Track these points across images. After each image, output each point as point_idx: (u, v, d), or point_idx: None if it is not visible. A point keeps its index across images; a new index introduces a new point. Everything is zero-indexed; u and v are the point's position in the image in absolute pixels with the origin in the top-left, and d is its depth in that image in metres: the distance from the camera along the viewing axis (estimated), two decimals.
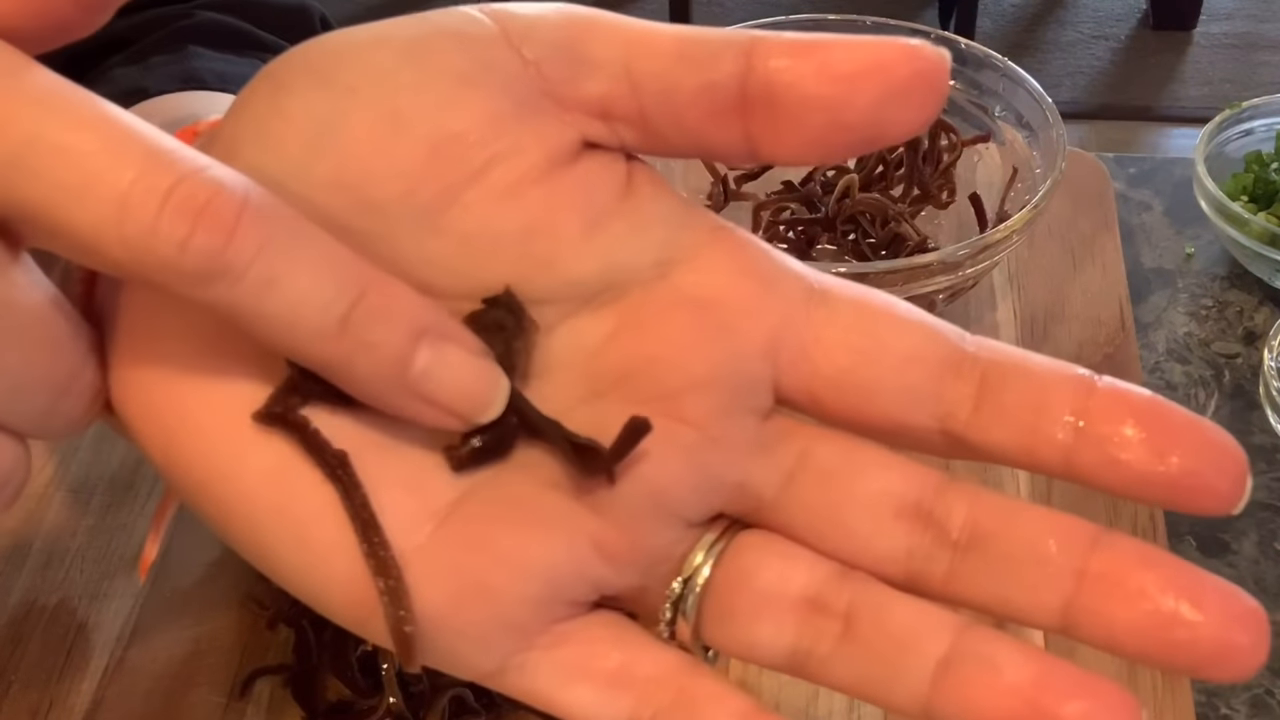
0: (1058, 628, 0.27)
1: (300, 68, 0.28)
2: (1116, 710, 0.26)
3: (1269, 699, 0.53)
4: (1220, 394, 0.65)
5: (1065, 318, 0.66)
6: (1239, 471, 0.26)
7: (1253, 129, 0.75)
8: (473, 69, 0.27)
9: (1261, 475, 0.61)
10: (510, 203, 0.27)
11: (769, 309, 0.28)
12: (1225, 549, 0.57)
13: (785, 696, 0.52)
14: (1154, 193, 0.76)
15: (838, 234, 0.68)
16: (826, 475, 0.28)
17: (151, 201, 0.23)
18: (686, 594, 0.28)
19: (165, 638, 0.54)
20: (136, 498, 0.59)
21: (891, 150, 0.69)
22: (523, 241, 0.27)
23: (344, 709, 0.51)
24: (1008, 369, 0.28)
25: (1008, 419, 0.27)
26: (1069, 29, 2.35)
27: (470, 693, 0.50)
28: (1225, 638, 0.26)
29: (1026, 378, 0.27)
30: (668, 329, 0.28)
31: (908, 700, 0.27)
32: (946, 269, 0.60)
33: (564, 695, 0.28)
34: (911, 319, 0.28)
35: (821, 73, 0.26)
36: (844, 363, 0.28)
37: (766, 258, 0.29)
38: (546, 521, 0.28)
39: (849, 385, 0.28)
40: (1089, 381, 0.27)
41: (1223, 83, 2.22)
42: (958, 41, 0.71)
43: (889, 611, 0.28)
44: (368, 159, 0.27)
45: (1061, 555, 0.27)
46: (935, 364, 0.28)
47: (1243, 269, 0.71)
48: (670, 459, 0.28)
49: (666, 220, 0.29)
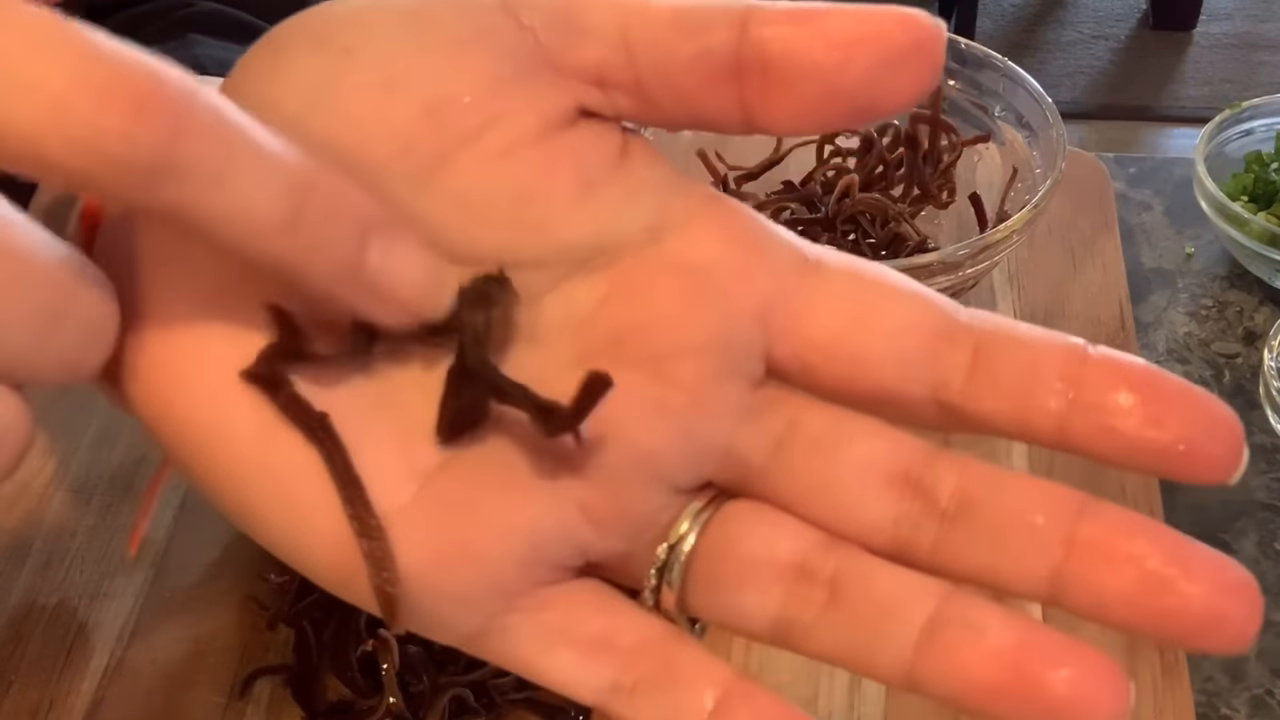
0: (1046, 597, 0.27)
1: (300, 31, 0.28)
2: (1103, 678, 0.26)
3: (1269, 699, 0.53)
4: (1220, 394, 0.65)
5: (1065, 318, 0.66)
6: (1235, 440, 0.26)
7: (1253, 129, 0.75)
8: (470, 34, 0.27)
9: (1262, 475, 0.61)
10: (504, 166, 0.27)
11: (761, 276, 0.28)
12: (1225, 549, 0.57)
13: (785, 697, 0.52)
14: (1154, 193, 0.76)
15: (838, 234, 0.68)
16: (815, 443, 0.28)
17: (89, 96, 0.22)
18: (672, 561, 0.28)
19: (165, 638, 0.54)
20: (136, 498, 0.59)
21: (891, 150, 0.69)
22: (515, 204, 0.28)
23: (344, 709, 0.51)
24: (1001, 339, 0.27)
25: (1000, 388, 0.27)
26: (1069, 29, 2.35)
27: (470, 692, 0.50)
28: (1216, 607, 0.25)
29: (1019, 347, 0.27)
30: (659, 294, 0.28)
31: (891, 666, 0.27)
32: (946, 269, 0.60)
33: (545, 660, 0.28)
34: (905, 289, 0.28)
35: (816, 39, 0.26)
36: (836, 330, 0.28)
37: (760, 226, 0.29)
38: (531, 484, 0.27)
39: (841, 353, 0.28)
40: (1082, 350, 0.27)
41: (1223, 83, 2.22)
42: (958, 41, 0.71)
43: (874, 579, 0.27)
44: (363, 119, 0.27)
45: (1049, 524, 0.27)
46: (928, 333, 0.28)
47: (1243, 269, 0.71)
48: (659, 424, 0.28)
49: (660, 187, 0.29)
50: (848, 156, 0.71)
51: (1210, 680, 0.54)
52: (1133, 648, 0.52)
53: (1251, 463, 0.63)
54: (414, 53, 0.27)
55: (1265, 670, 0.54)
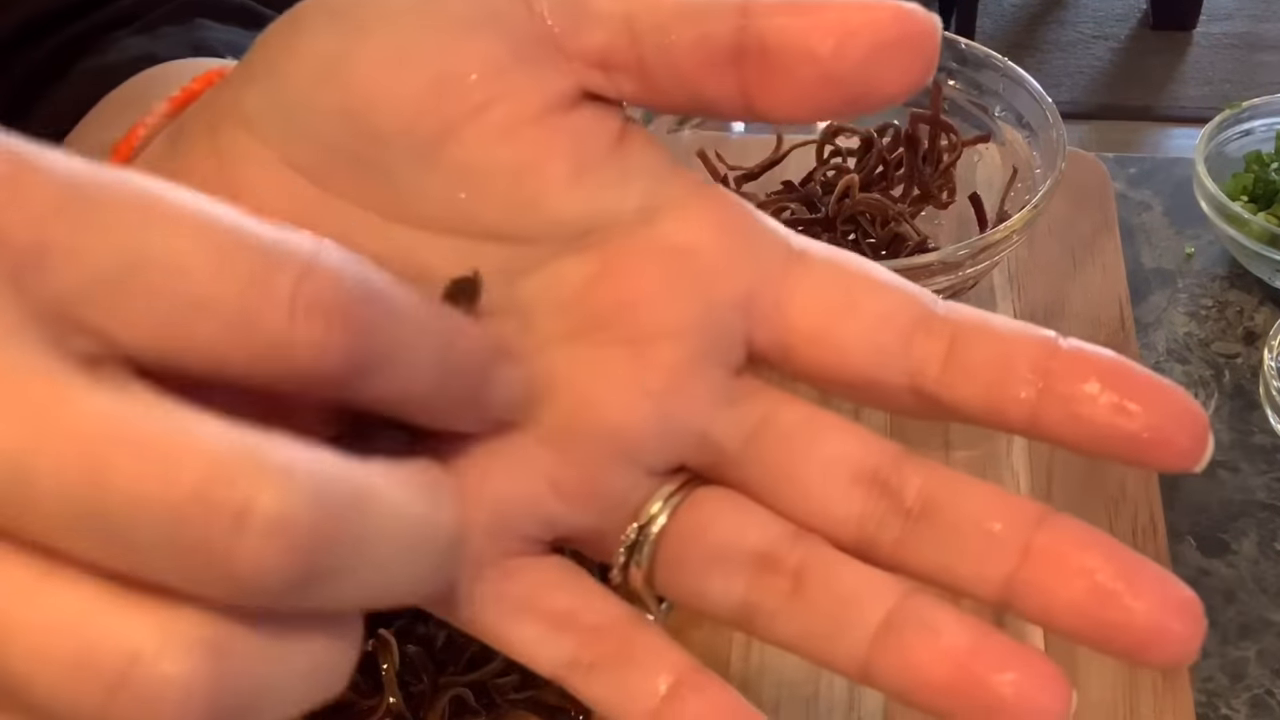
0: (999, 600, 0.28)
1: (318, 8, 0.29)
2: (1047, 685, 0.27)
3: (1269, 699, 0.53)
4: (1220, 394, 0.65)
5: (1065, 318, 0.66)
6: (1200, 429, 0.27)
7: (1253, 129, 0.75)
8: (481, 16, 0.28)
9: (1262, 475, 0.61)
10: (505, 142, 0.28)
11: (748, 263, 0.29)
12: (1225, 549, 0.57)
13: (785, 696, 0.52)
14: (1154, 193, 0.76)
15: (838, 234, 0.68)
16: (788, 436, 0.29)
17: (279, 308, 0.22)
18: (641, 540, 0.29)
19: None
20: None
21: (891, 150, 0.69)
22: (513, 180, 0.28)
23: (344, 709, 0.51)
24: (975, 330, 0.28)
25: (974, 377, 0.28)
26: (1069, 29, 2.35)
27: (470, 692, 0.50)
28: (1159, 623, 0.26)
29: (993, 338, 0.28)
30: (646, 276, 0.29)
31: (848, 659, 0.28)
32: (946, 269, 0.60)
33: (508, 629, 0.29)
34: (887, 282, 0.29)
35: (813, 27, 0.27)
36: (818, 318, 0.29)
37: (749, 215, 0.30)
38: (502, 454, 0.28)
39: (822, 341, 0.29)
40: (1053, 343, 0.28)
41: (1223, 83, 2.22)
42: (958, 41, 0.71)
43: (837, 573, 0.28)
44: (373, 91, 0.28)
45: (1007, 531, 0.28)
46: (906, 324, 0.29)
47: (1243, 269, 0.71)
48: (635, 403, 0.28)
49: (654, 172, 0.30)
50: (848, 156, 0.71)
51: (1210, 680, 0.54)
52: None
53: (1251, 463, 0.63)
54: (425, 30, 0.28)
55: (1265, 670, 0.54)
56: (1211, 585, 0.56)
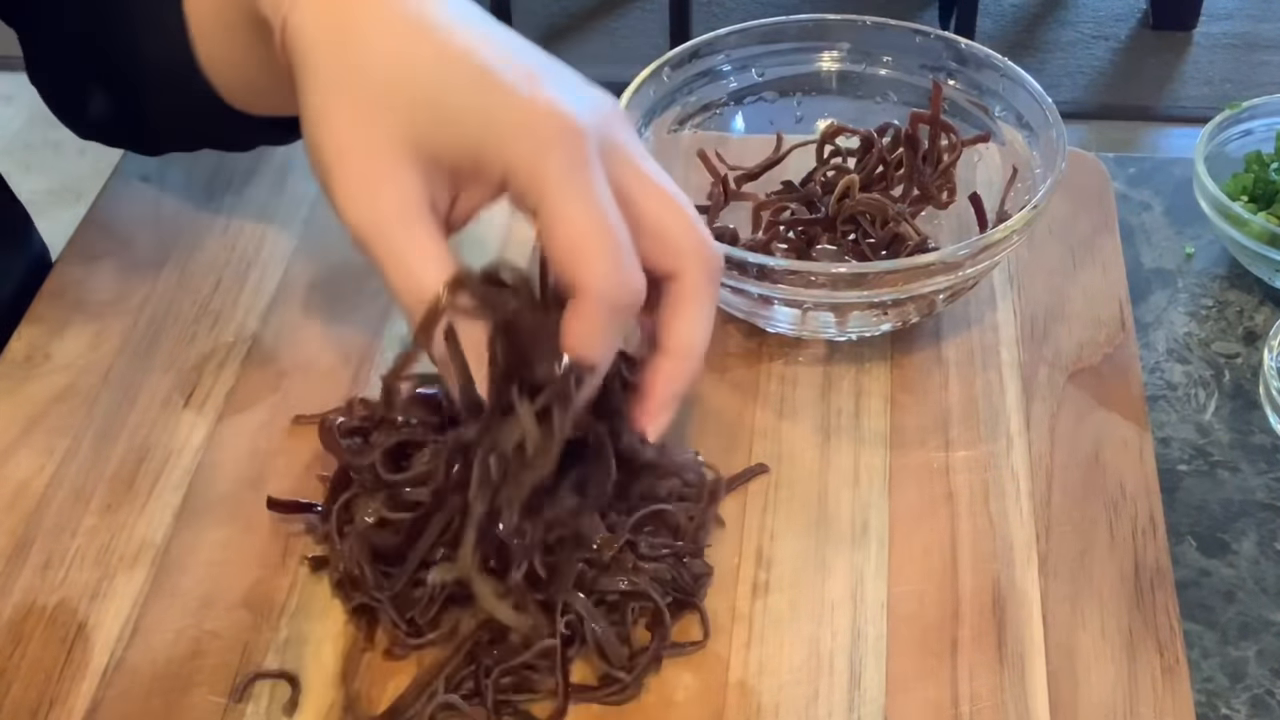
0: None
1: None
2: None
3: (1269, 699, 0.53)
4: (1220, 394, 0.65)
5: (1065, 318, 0.66)
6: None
7: (1253, 129, 0.75)
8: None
9: (1262, 475, 0.61)
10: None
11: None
12: (1225, 549, 0.57)
13: (785, 697, 0.52)
14: (1154, 193, 0.76)
15: (838, 234, 0.68)
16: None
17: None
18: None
19: (165, 638, 0.54)
20: (137, 498, 0.59)
21: (891, 150, 0.69)
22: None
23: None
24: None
25: None
26: (1069, 29, 2.35)
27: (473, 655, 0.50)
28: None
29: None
30: None
31: None
32: (946, 269, 0.60)
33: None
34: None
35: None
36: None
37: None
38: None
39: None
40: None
41: (1223, 83, 2.22)
42: (958, 41, 0.71)
43: None
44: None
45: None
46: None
47: (1243, 269, 0.71)
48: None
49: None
50: (848, 156, 0.71)
51: (1210, 680, 0.54)
52: (1132, 648, 0.52)
53: (1251, 463, 0.63)
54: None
55: (1265, 670, 0.54)
56: (1211, 585, 0.56)
